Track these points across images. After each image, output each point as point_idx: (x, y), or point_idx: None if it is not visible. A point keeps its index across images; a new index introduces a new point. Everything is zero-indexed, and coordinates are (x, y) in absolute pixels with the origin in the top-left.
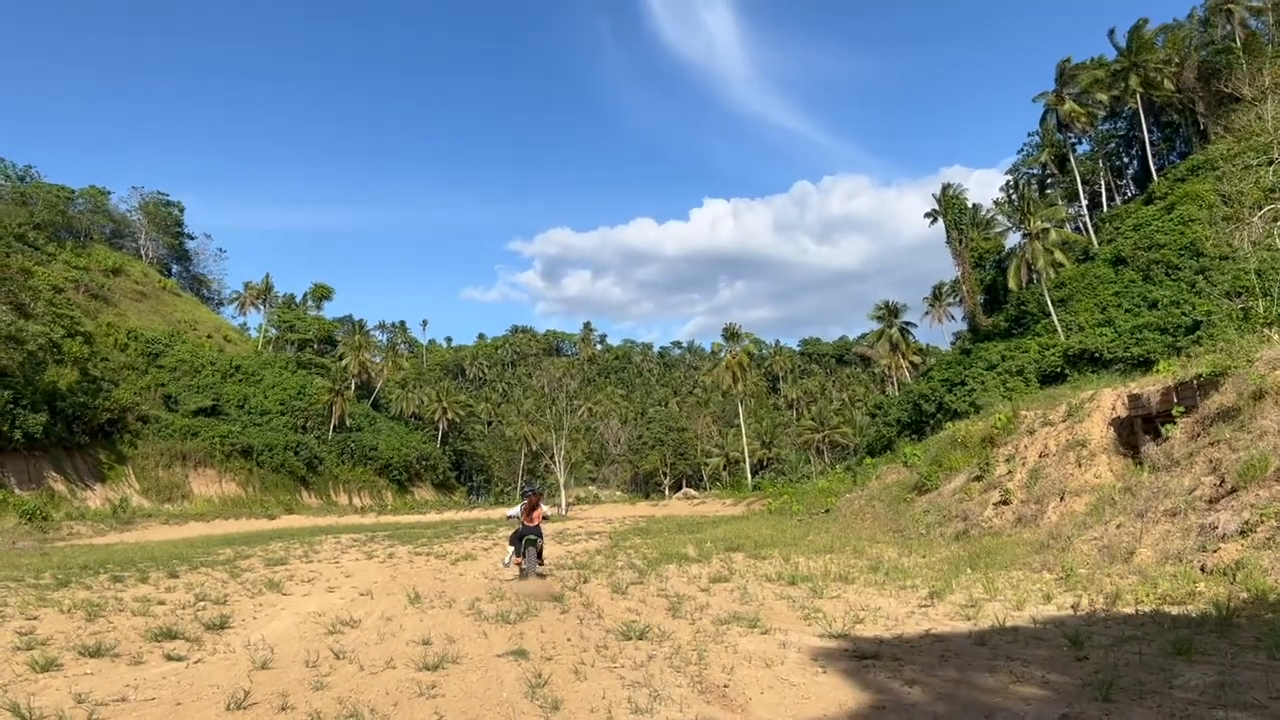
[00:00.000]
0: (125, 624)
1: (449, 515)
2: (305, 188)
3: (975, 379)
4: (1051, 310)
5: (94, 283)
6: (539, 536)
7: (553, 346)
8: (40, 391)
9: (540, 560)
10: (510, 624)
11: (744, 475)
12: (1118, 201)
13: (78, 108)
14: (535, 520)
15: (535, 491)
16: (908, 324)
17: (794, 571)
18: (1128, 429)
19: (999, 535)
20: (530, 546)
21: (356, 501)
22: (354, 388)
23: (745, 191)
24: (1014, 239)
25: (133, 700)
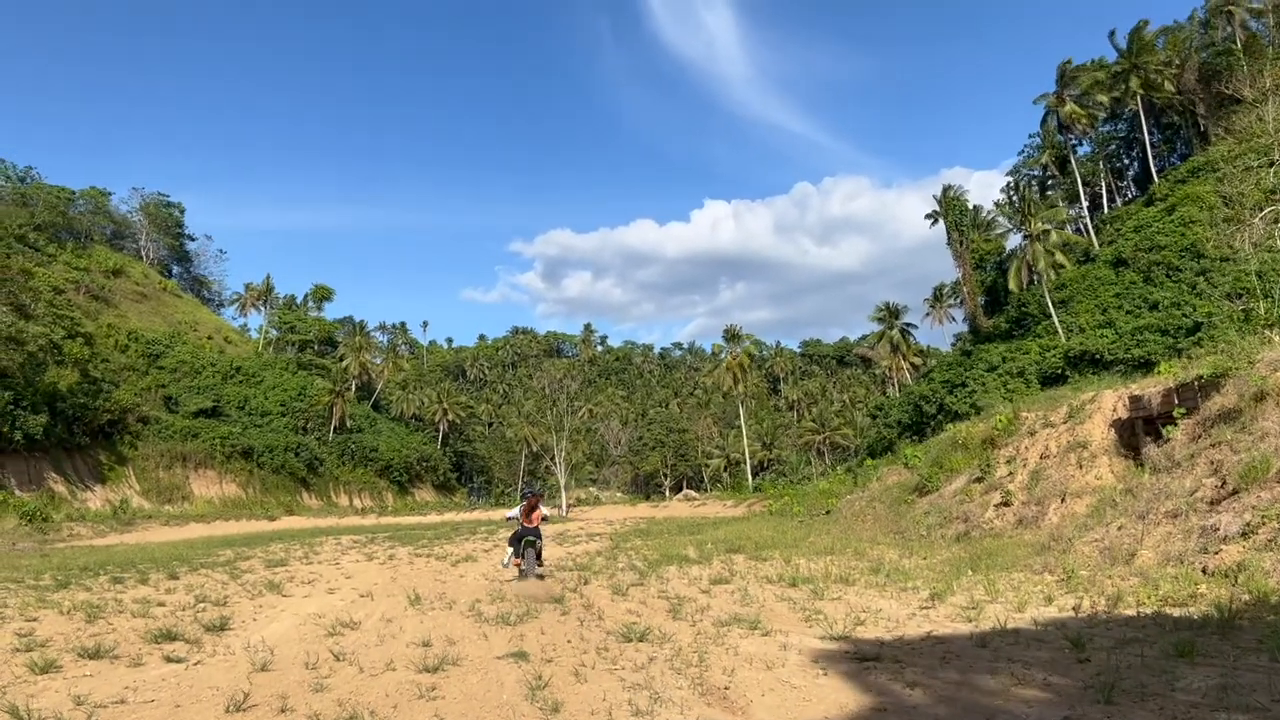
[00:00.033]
0: (125, 626)
1: (449, 517)
2: (305, 188)
3: (976, 380)
4: (1052, 312)
5: (94, 284)
6: (538, 538)
7: (553, 348)
8: (41, 393)
9: (539, 561)
10: (511, 626)
11: (745, 477)
12: (1118, 203)
13: (78, 108)
14: (534, 522)
15: (534, 493)
16: (908, 325)
17: (795, 573)
18: (1129, 430)
19: (1000, 537)
20: (529, 548)
21: (357, 503)
22: (354, 389)
23: (746, 193)
24: (1015, 240)
25: (132, 702)
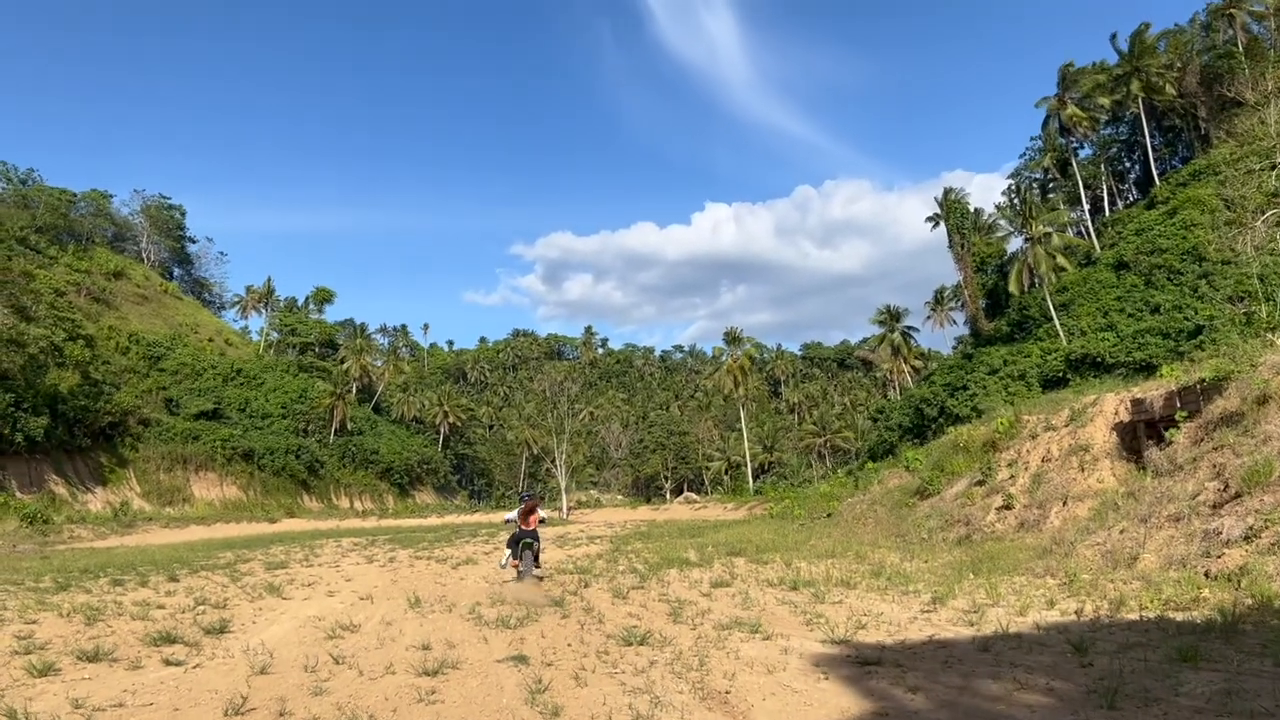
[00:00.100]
0: (124, 628)
1: (450, 519)
2: (306, 190)
3: (977, 383)
4: (1054, 315)
5: (95, 286)
6: (536, 540)
7: (554, 350)
8: (41, 395)
9: (537, 563)
10: (511, 629)
11: (745, 479)
12: (1119, 206)
13: (79, 110)
14: (532, 524)
15: (532, 496)
16: (909, 328)
17: (796, 576)
18: (1130, 434)
19: (1001, 540)
20: (527, 550)
21: (358, 505)
22: (355, 391)
23: (747, 195)
24: (1016, 243)
25: (130, 705)
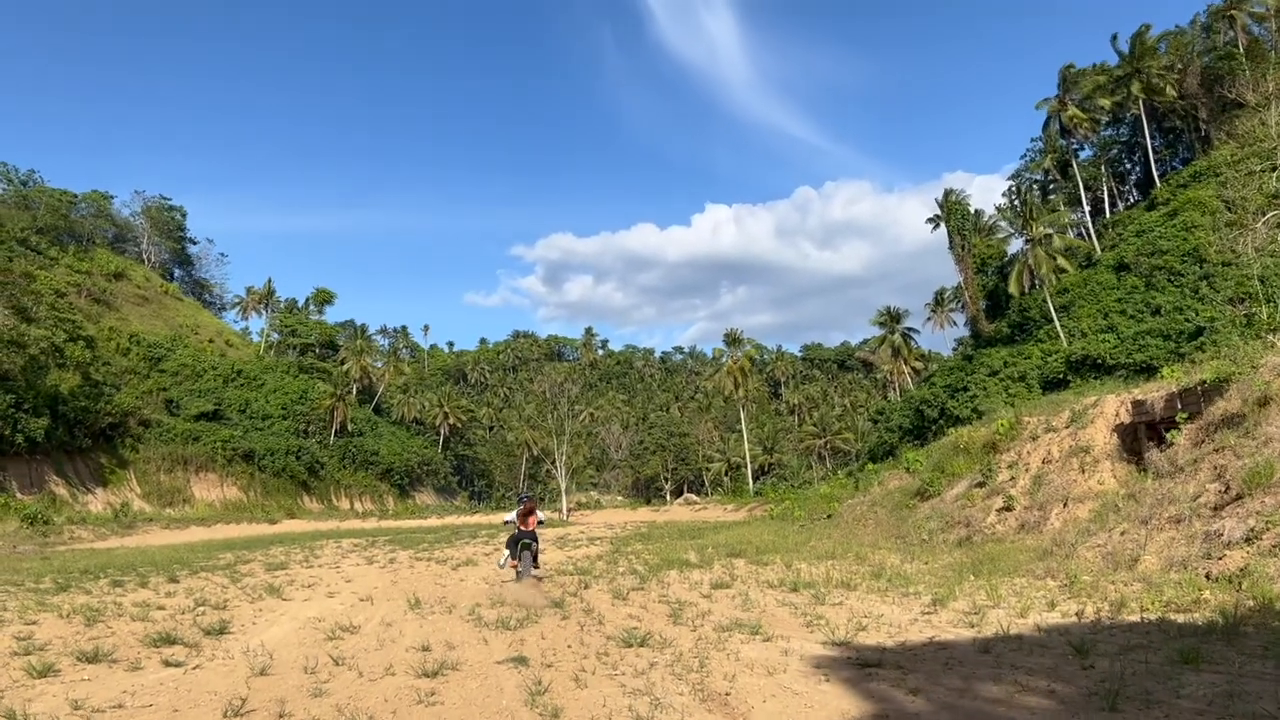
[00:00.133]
0: (124, 629)
1: (450, 520)
2: (307, 191)
3: (978, 385)
4: (1054, 316)
5: (96, 287)
6: (534, 541)
7: (554, 351)
8: (42, 395)
9: (536, 564)
10: (511, 630)
11: (745, 481)
12: (1120, 207)
13: (80, 111)
14: (531, 525)
15: (531, 498)
16: (910, 330)
17: (796, 578)
18: (1131, 435)
19: (1002, 542)
20: (526, 551)
21: (358, 506)
22: (356, 392)
23: (747, 197)
24: (1016, 245)
25: (130, 707)
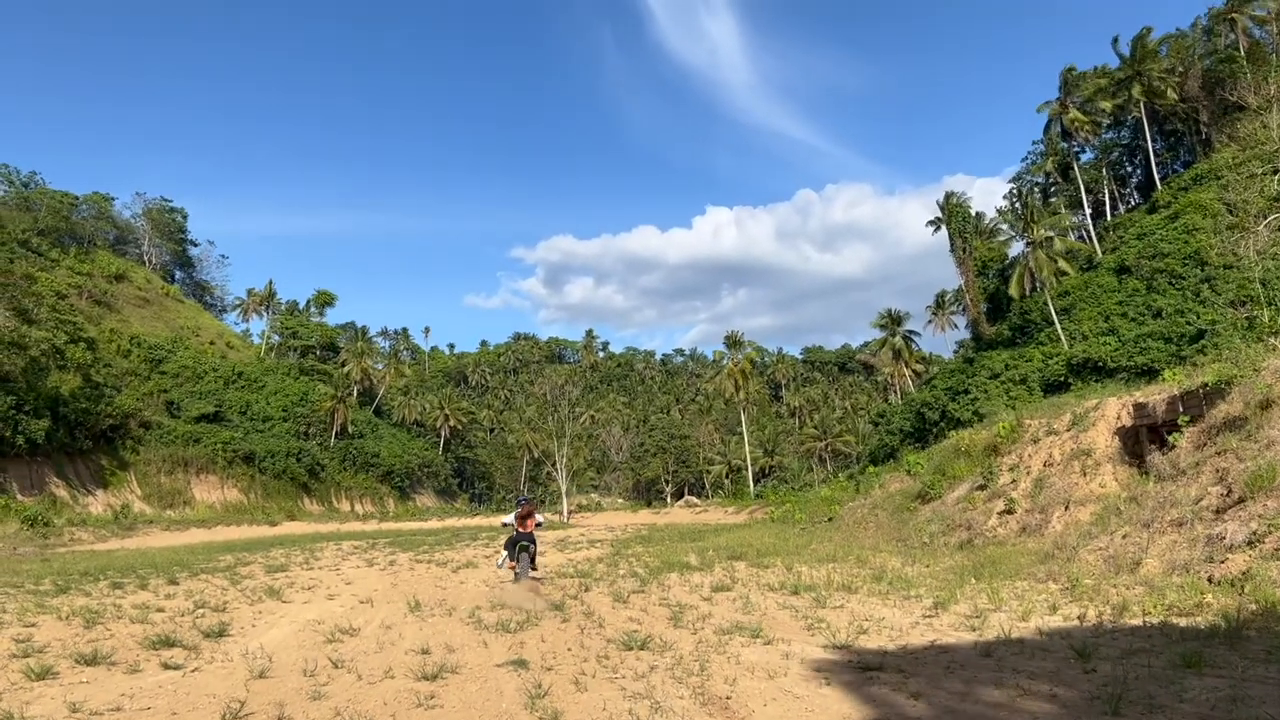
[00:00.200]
0: (123, 631)
1: (451, 522)
2: (308, 193)
3: (978, 388)
4: (1055, 319)
5: (97, 289)
6: (532, 543)
7: (555, 354)
8: (43, 397)
9: (534, 565)
10: (511, 633)
11: (746, 483)
12: (1121, 210)
13: (81, 113)
14: (529, 528)
15: (529, 501)
16: (911, 332)
17: (797, 581)
18: (1133, 438)
19: (1003, 545)
20: (524, 552)
21: (358, 508)
22: (356, 394)
23: (748, 199)
24: (1017, 248)
25: (128, 710)
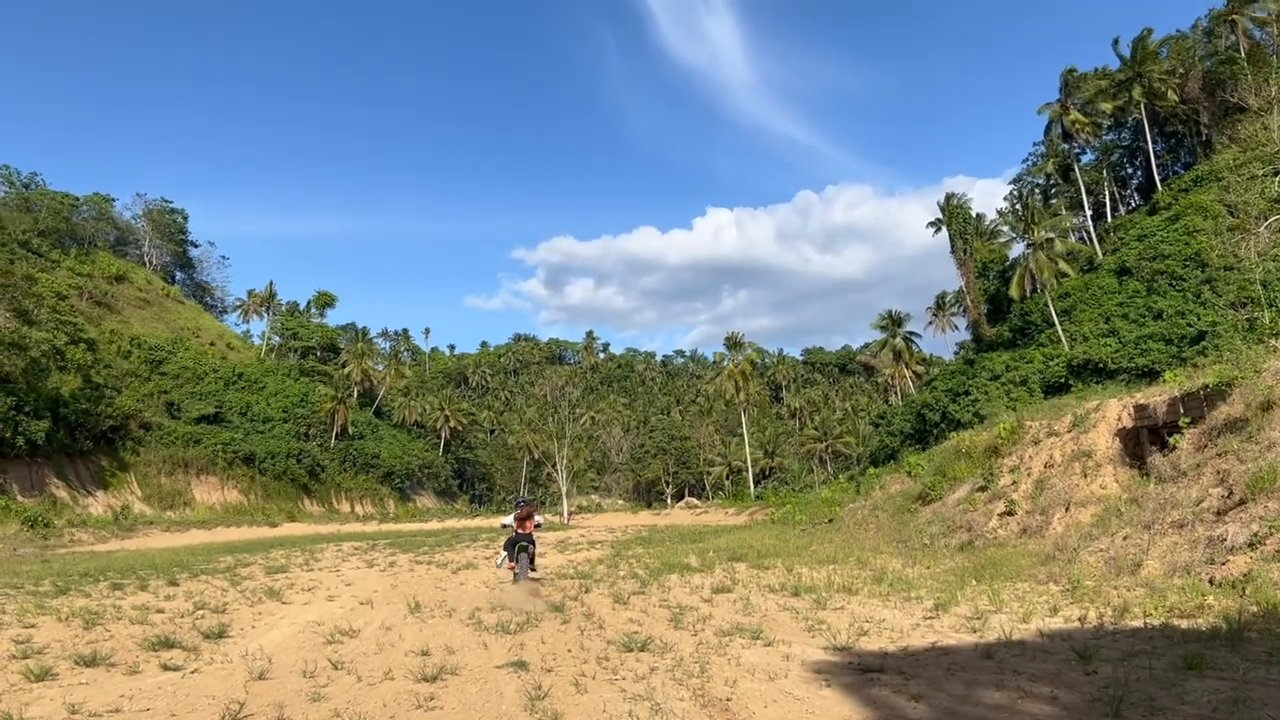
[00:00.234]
0: (123, 633)
1: (451, 524)
2: (308, 194)
3: (979, 389)
4: (1055, 320)
5: (98, 290)
6: (531, 544)
7: (555, 355)
8: (43, 398)
9: (532, 566)
10: (511, 635)
11: (747, 485)
12: (1122, 212)
13: (82, 114)
14: (528, 529)
15: (527, 502)
16: (911, 334)
17: (797, 582)
18: (1134, 440)
19: (1004, 546)
20: (523, 553)
21: (359, 509)
22: (357, 395)
23: (748, 200)
24: (1018, 249)
25: (127, 711)
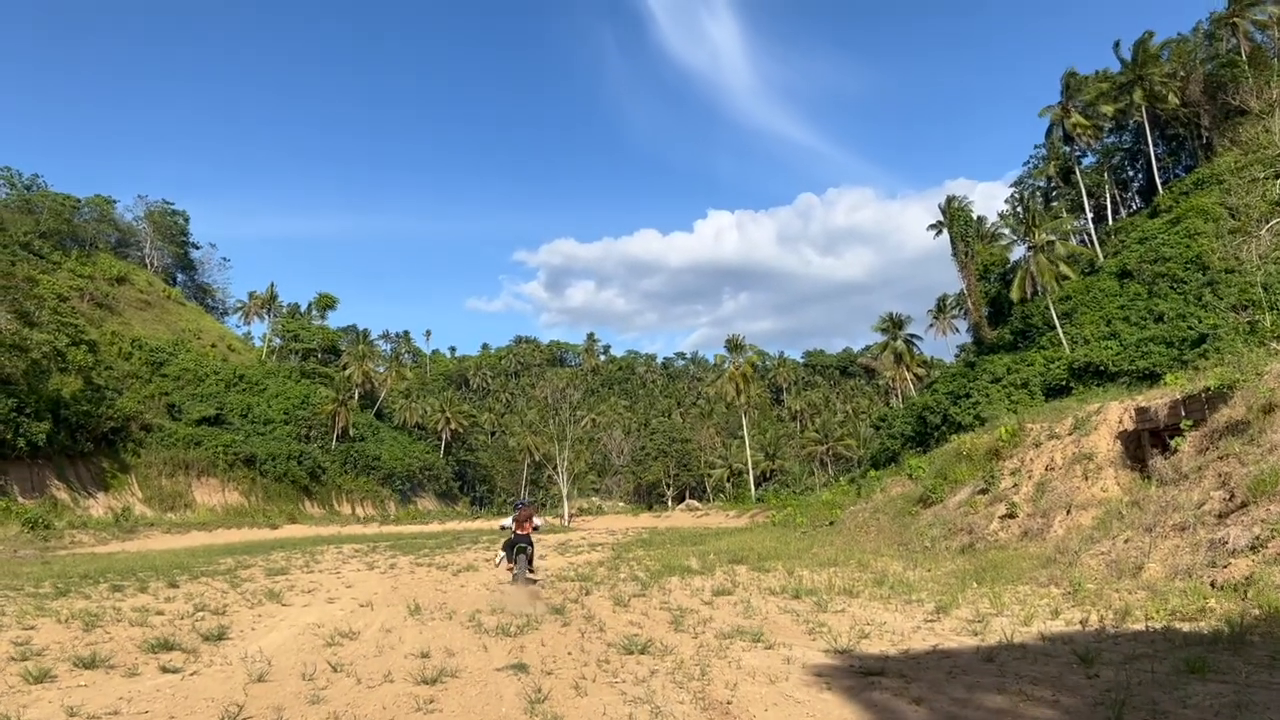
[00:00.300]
0: (122, 635)
1: (451, 526)
2: (309, 196)
3: (980, 391)
4: (1056, 323)
5: (99, 291)
6: (529, 545)
7: (556, 357)
8: (44, 400)
9: (531, 567)
10: (511, 637)
11: (747, 487)
12: (1123, 214)
13: (83, 116)
14: (526, 530)
15: (526, 504)
16: (912, 336)
17: (798, 585)
18: (1135, 442)
19: (1005, 549)
20: (521, 554)
21: (359, 511)
22: (358, 397)
23: (749, 203)
24: (1019, 251)
25: (125, 713)
